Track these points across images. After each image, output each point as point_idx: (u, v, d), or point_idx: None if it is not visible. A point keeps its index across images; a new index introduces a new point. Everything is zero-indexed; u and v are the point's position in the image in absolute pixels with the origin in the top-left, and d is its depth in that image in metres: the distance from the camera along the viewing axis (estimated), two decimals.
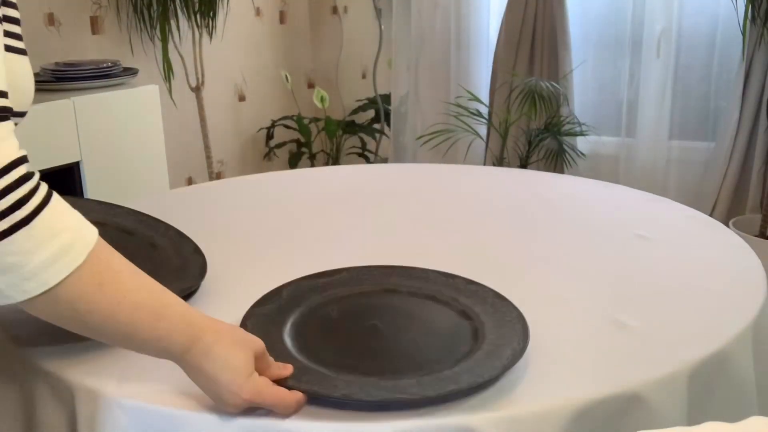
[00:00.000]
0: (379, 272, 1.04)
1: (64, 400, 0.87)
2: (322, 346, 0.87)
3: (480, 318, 0.92)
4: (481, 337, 0.88)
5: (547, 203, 1.48)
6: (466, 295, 0.98)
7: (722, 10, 2.81)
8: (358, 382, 0.79)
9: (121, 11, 2.80)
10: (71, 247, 0.69)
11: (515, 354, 0.83)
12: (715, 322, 0.96)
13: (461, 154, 3.24)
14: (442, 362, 0.83)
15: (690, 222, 1.35)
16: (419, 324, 0.92)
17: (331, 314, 0.94)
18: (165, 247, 1.15)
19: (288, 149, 3.70)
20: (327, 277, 1.02)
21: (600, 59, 3.07)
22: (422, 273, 1.04)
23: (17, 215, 0.66)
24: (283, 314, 0.92)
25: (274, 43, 3.57)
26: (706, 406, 0.89)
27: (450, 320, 0.93)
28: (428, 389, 0.78)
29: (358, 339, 0.89)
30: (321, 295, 0.98)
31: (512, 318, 0.92)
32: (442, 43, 3.30)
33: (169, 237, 1.18)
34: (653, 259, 1.18)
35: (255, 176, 1.71)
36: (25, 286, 0.68)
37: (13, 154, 0.68)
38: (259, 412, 0.78)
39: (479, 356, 0.84)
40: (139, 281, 0.75)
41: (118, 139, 2.39)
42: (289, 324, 0.91)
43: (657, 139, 2.98)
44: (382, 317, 0.93)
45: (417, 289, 1.00)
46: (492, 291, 0.99)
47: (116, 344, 0.78)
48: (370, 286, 1.01)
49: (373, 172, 1.73)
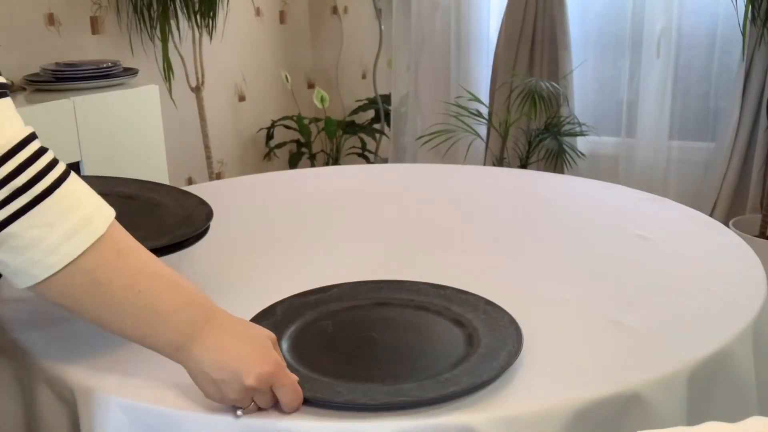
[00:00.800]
0: (370, 287, 1.06)
1: (64, 400, 0.87)
2: (321, 358, 0.88)
3: (473, 324, 0.94)
4: (476, 342, 0.90)
5: (547, 203, 1.48)
6: (458, 304, 0.99)
7: (722, 10, 2.81)
8: (361, 388, 0.80)
9: (121, 11, 2.80)
10: (92, 219, 0.70)
11: (511, 355, 0.85)
12: (715, 322, 0.96)
13: (461, 155, 3.24)
14: (439, 366, 0.85)
15: (690, 222, 1.35)
16: (414, 333, 0.93)
17: (327, 328, 0.95)
18: (169, 204, 1.15)
19: (288, 149, 3.70)
20: (319, 293, 1.04)
21: (600, 59, 3.07)
22: (413, 285, 1.05)
23: (38, 187, 0.67)
24: (279, 330, 0.94)
25: (274, 43, 3.57)
26: (706, 406, 0.89)
27: (443, 328, 0.94)
28: (430, 391, 0.79)
29: (355, 350, 0.90)
30: (315, 310, 1.00)
31: (505, 322, 0.93)
32: (442, 43, 3.30)
33: (172, 195, 1.18)
34: (653, 259, 1.18)
35: (255, 176, 1.71)
36: (48, 261, 0.68)
37: (23, 131, 0.68)
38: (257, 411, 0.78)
39: (476, 359, 0.85)
40: (153, 256, 0.75)
41: (118, 139, 2.39)
42: (286, 338, 0.92)
43: (657, 139, 2.98)
44: (378, 328, 0.95)
45: (408, 301, 1.01)
46: (483, 299, 1.00)
47: (130, 324, 0.74)
48: (363, 300, 1.02)
49: (373, 172, 1.73)
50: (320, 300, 1.02)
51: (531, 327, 0.95)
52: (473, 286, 1.05)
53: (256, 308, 1.00)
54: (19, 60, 2.48)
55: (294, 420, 0.77)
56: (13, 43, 2.46)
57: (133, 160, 2.45)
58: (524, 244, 1.26)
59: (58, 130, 2.20)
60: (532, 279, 1.11)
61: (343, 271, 1.15)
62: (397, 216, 1.41)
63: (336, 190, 1.59)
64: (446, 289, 1.03)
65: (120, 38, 2.82)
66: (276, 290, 1.06)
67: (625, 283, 1.09)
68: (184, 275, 0.76)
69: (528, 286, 1.09)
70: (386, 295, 1.03)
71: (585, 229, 1.32)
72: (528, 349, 0.90)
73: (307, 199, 1.53)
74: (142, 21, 2.79)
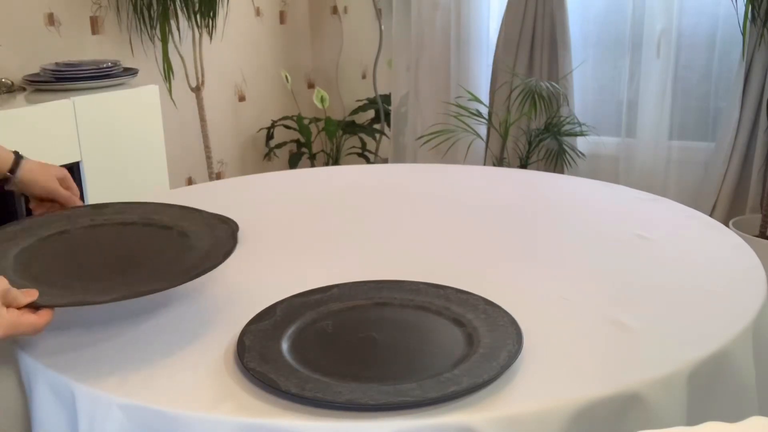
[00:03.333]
0: (370, 287, 1.06)
1: (64, 400, 0.87)
2: (321, 358, 0.88)
3: (472, 324, 0.94)
4: (476, 342, 0.90)
5: (547, 203, 1.48)
6: (458, 304, 0.99)
7: (722, 10, 2.81)
8: (361, 388, 0.80)
9: (121, 11, 2.80)
10: None
11: (511, 355, 0.85)
12: (715, 322, 0.96)
13: (461, 155, 3.24)
14: (439, 366, 0.85)
15: (690, 222, 1.35)
16: (413, 333, 0.94)
17: (327, 328, 0.96)
18: (198, 234, 1.10)
19: (288, 149, 3.70)
20: (319, 294, 1.04)
21: (600, 59, 3.07)
22: (413, 285, 1.05)
23: None
24: (279, 330, 0.94)
25: (274, 43, 3.57)
26: (706, 406, 0.89)
27: (443, 328, 0.95)
28: (430, 391, 0.79)
29: (355, 350, 0.90)
30: (315, 310, 1.00)
31: (505, 322, 0.93)
32: (442, 43, 3.30)
33: (204, 222, 1.13)
34: (653, 259, 1.18)
35: (255, 176, 1.71)
36: None
37: None
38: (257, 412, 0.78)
39: (476, 359, 0.86)
40: None
41: (118, 139, 2.39)
42: (286, 338, 0.93)
43: (657, 139, 2.98)
44: (377, 328, 0.95)
45: (408, 301, 1.02)
46: (482, 299, 1.00)
47: None
48: (363, 300, 1.02)
49: (373, 172, 1.73)
50: (320, 300, 1.02)
51: (531, 327, 0.95)
52: (473, 286, 1.05)
53: (257, 308, 1.00)
54: (19, 60, 2.48)
55: (294, 420, 0.77)
56: (13, 43, 2.46)
57: (133, 160, 2.45)
58: (524, 244, 1.26)
59: (58, 130, 2.20)
60: (533, 279, 1.11)
61: (343, 270, 1.15)
62: (397, 216, 1.41)
63: (336, 190, 1.59)
64: (446, 288, 1.03)
65: (120, 38, 2.82)
66: (276, 290, 1.06)
67: (625, 283, 1.09)
68: None
69: (528, 285, 1.09)
70: (386, 294, 1.03)
71: (585, 229, 1.32)
72: (528, 349, 0.90)
73: (307, 200, 1.53)
74: (142, 21, 2.79)
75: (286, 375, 0.83)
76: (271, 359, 0.87)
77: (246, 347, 0.89)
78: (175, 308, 1.04)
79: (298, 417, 0.77)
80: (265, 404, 0.79)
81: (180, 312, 1.03)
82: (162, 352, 0.92)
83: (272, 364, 0.86)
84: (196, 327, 0.98)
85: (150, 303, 1.06)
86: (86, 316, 1.02)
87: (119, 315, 1.02)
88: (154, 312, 1.03)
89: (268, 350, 0.89)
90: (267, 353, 0.88)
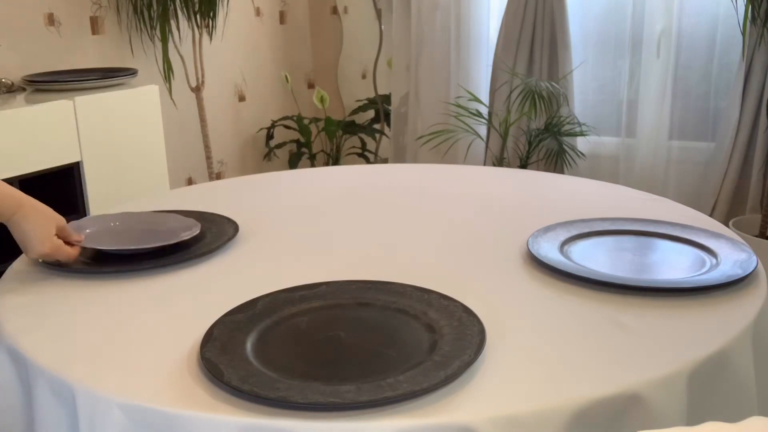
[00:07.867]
0: (358, 286, 1.06)
1: (64, 400, 0.87)
2: (281, 354, 0.89)
3: (442, 331, 0.94)
4: (437, 349, 0.89)
5: (547, 203, 1.48)
6: (437, 310, 0.99)
7: (722, 10, 2.81)
8: (300, 386, 0.81)
9: (121, 11, 2.80)
10: None
11: (462, 365, 0.84)
12: (715, 322, 0.96)
13: (461, 155, 3.24)
14: (390, 371, 0.84)
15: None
16: (381, 336, 0.93)
17: (300, 325, 0.96)
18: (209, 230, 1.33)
19: (288, 149, 3.70)
20: (306, 290, 1.05)
21: (600, 59, 3.07)
22: (400, 288, 1.05)
23: None
24: (253, 323, 0.96)
25: (274, 43, 3.57)
26: (706, 406, 0.89)
27: (413, 333, 0.94)
28: (363, 395, 0.79)
29: (318, 348, 0.91)
30: (296, 306, 1.00)
31: (473, 332, 0.92)
32: (442, 43, 3.30)
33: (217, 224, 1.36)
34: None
35: (255, 176, 1.71)
36: None
37: None
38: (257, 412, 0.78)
39: (427, 366, 0.85)
40: None
41: (118, 139, 2.39)
42: (256, 331, 0.94)
43: (657, 139, 2.98)
44: (349, 328, 0.95)
45: (390, 303, 1.02)
46: (462, 306, 0.99)
47: None
48: (346, 300, 1.03)
49: (373, 172, 1.73)
50: (304, 296, 1.03)
51: (531, 327, 0.95)
52: (473, 285, 1.05)
53: None
54: (19, 60, 2.48)
55: (294, 420, 0.77)
56: (13, 43, 2.46)
57: (133, 160, 2.45)
58: (524, 244, 1.26)
59: (58, 130, 2.20)
60: (532, 279, 1.11)
61: (342, 270, 1.15)
62: (397, 216, 1.41)
63: (336, 190, 1.59)
64: (430, 293, 1.03)
65: (120, 38, 2.82)
66: (273, 287, 1.06)
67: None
68: (185, 272, 0.74)
69: (528, 285, 1.09)
70: (371, 295, 1.03)
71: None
72: (528, 349, 0.90)
73: (306, 199, 1.53)
74: (142, 21, 2.79)
75: (236, 367, 0.84)
76: (230, 351, 0.88)
77: (212, 337, 0.91)
78: (175, 308, 1.04)
79: (298, 417, 0.77)
80: (265, 404, 0.79)
81: (180, 311, 1.03)
82: (162, 351, 0.92)
83: (229, 356, 0.87)
84: (196, 326, 0.98)
85: (150, 303, 1.06)
86: (86, 316, 1.02)
87: (119, 315, 1.02)
88: (154, 312, 1.03)
89: (232, 342, 0.90)
90: (230, 345, 0.89)
